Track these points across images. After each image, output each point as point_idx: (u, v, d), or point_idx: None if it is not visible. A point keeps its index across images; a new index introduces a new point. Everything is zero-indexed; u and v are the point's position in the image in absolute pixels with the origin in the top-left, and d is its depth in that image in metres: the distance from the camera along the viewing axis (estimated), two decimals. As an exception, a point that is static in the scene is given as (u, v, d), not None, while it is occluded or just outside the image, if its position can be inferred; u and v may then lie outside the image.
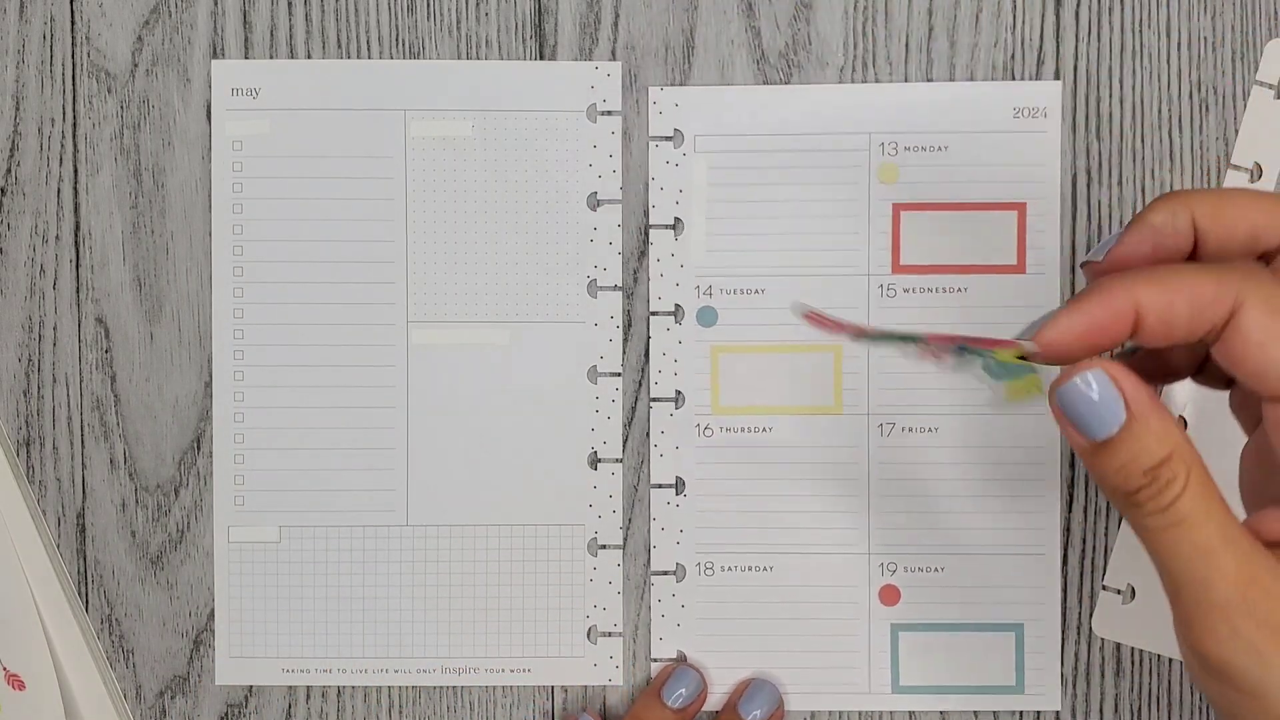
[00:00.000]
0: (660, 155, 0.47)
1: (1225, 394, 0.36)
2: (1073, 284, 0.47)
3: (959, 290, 0.47)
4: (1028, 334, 0.32)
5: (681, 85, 0.47)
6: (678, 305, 0.47)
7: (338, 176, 0.48)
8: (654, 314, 0.48)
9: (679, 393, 0.47)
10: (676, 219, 0.47)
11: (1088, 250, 0.48)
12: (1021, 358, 0.32)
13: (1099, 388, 0.31)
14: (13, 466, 0.48)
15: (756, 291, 0.47)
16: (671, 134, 0.47)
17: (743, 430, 0.47)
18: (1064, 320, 0.32)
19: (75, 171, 0.48)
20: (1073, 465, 0.48)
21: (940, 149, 0.47)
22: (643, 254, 0.48)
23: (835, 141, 0.47)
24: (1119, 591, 0.47)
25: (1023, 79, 0.47)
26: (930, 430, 0.47)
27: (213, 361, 0.48)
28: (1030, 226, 0.47)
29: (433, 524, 0.48)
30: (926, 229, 0.47)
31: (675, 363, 0.47)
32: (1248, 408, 0.35)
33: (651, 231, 0.47)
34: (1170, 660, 0.47)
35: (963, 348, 0.33)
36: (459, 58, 0.48)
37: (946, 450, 0.47)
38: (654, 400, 0.48)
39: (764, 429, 0.47)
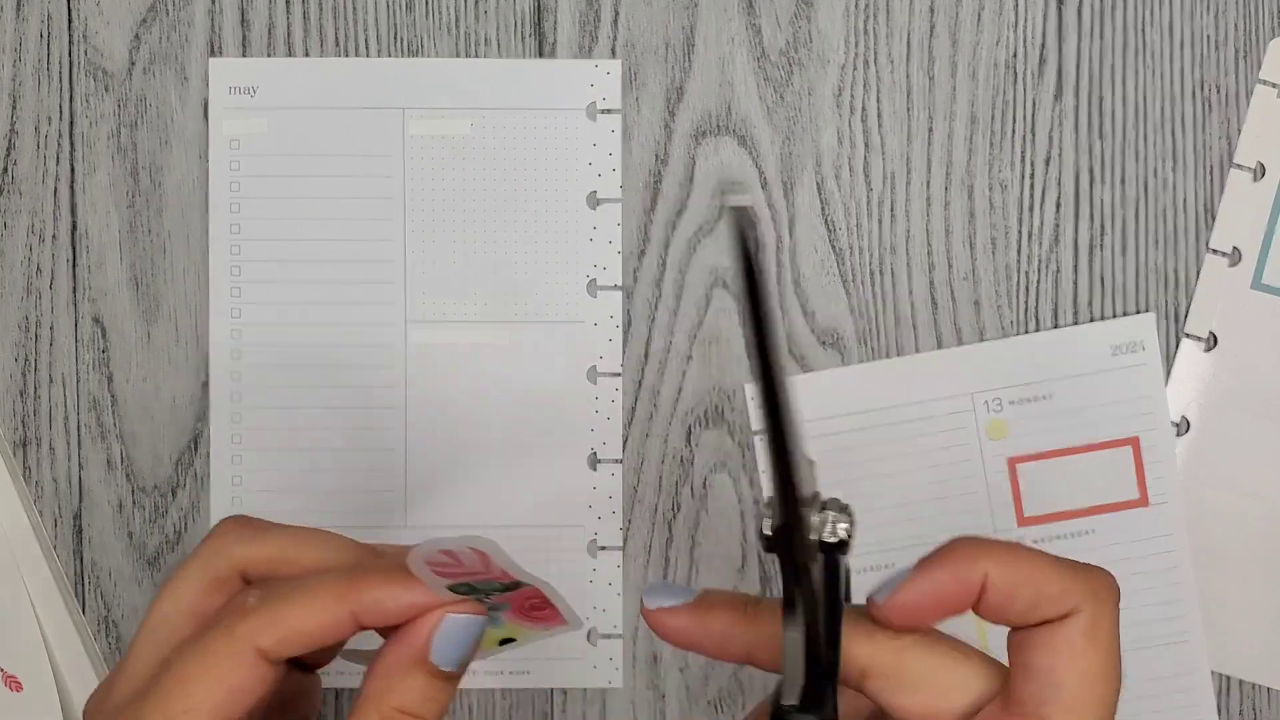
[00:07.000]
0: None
1: (1227, 394, 0.36)
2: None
3: (1087, 533, 0.47)
4: (881, 593, 0.31)
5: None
6: None
7: (336, 175, 0.47)
8: None
9: None
10: None
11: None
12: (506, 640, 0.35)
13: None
14: (9, 467, 0.48)
15: (886, 567, 0.47)
16: None
17: None
18: (913, 586, 0.31)
19: (72, 170, 0.48)
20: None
21: (1045, 398, 0.47)
22: (643, 253, 0.48)
23: (938, 407, 0.47)
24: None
25: (1024, 77, 0.47)
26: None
27: (210, 361, 0.48)
28: (1146, 458, 0.47)
29: (432, 524, 0.48)
30: (1045, 477, 0.47)
31: None
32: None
33: None
34: None
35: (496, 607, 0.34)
36: (458, 56, 0.48)
37: None
38: None
39: None
